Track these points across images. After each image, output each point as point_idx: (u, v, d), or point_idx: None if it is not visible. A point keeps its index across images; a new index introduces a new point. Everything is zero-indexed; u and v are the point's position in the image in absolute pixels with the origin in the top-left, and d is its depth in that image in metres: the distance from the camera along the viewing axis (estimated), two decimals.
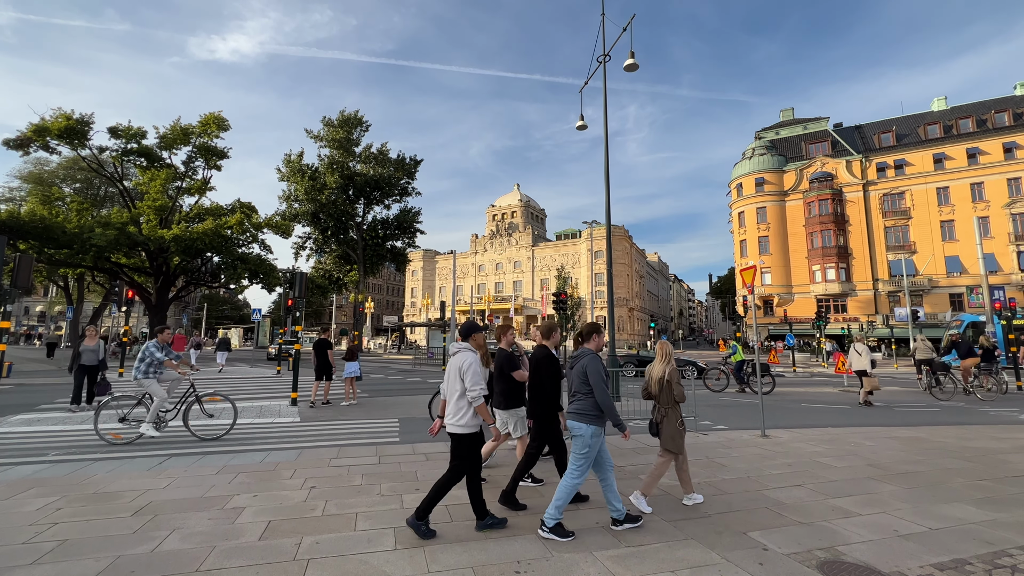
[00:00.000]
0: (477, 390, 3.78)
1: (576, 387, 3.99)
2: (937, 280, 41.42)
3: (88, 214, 27.55)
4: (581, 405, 3.92)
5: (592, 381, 3.85)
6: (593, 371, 3.87)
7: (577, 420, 3.91)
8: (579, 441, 3.90)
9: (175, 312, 62.29)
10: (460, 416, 3.81)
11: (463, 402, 3.82)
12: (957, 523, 4.16)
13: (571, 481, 3.88)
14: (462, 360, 3.89)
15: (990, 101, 45.12)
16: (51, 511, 4.22)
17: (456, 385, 3.87)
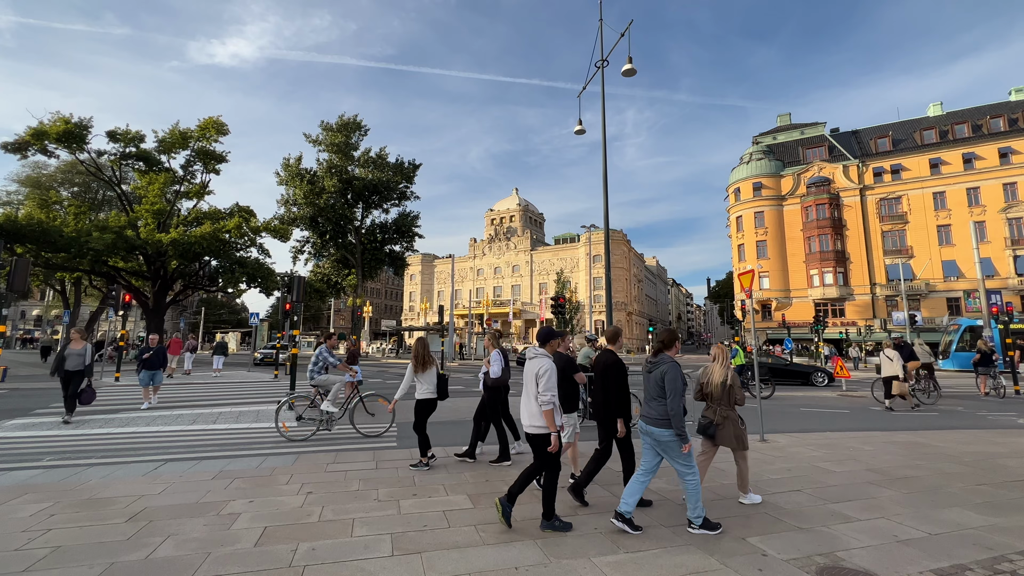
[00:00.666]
0: (548, 395, 3.92)
1: (655, 393, 4.07)
2: (934, 284, 41.54)
3: (86, 218, 27.51)
4: (662, 410, 4.00)
5: (669, 387, 3.92)
6: (671, 378, 3.94)
7: (657, 426, 4.02)
8: (671, 446, 3.98)
9: (172, 316, 62.08)
10: (535, 417, 4.00)
11: (536, 406, 3.98)
12: (957, 528, 4.15)
13: (693, 479, 3.98)
14: (539, 365, 4.06)
15: (985, 107, 45.43)
16: (44, 517, 4.18)
17: (532, 388, 4.04)
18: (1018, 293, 38.17)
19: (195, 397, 12.89)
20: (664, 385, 3.95)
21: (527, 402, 4.11)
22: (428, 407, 6.07)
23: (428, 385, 6.06)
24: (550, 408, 3.91)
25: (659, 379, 4.02)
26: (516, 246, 74.18)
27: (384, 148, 42.16)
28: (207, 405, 11.40)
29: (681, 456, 3.95)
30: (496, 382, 6.35)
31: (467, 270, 77.22)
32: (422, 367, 6.09)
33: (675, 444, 3.94)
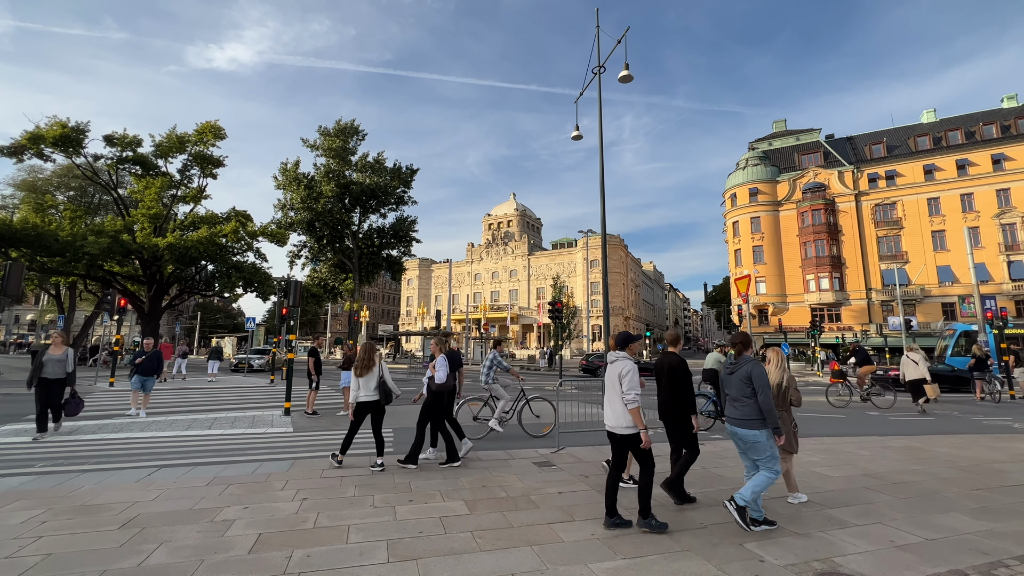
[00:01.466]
0: (632, 395, 4.13)
1: (737, 393, 4.23)
2: (929, 289, 41.77)
3: (81, 222, 27.39)
4: (747, 410, 4.15)
5: (758, 384, 4.10)
6: (759, 375, 4.14)
7: (747, 428, 4.16)
8: (760, 447, 4.14)
9: (168, 321, 61.76)
10: (622, 418, 4.18)
11: (623, 407, 4.16)
12: (953, 533, 4.15)
13: (772, 475, 4.13)
14: (621, 367, 4.25)
15: (978, 114, 45.90)
16: (36, 524, 4.13)
17: (614, 389, 4.22)
18: (1012, 298, 38.42)
19: (190, 402, 12.81)
20: (752, 384, 4.12)
21: (614, 403, 4.27)
22: (368, 409, 6.30)
23: (368, 389, 6.25)
24: (636, 406, 4.12)
25: (744, 378, 4.18)
26: (513, 251, 74.24)
27: (382, 153, 42.25)
28: (202, 410, 11.33)
29: (766, 454, 4.14)
30: (440, 387, 6.40)
31: (464, 275, 77.20)
32: (365, 371, 6.27)
33: (760, 445, 4.12)
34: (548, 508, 4.68)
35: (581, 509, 4.66)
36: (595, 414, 10.53)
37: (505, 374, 9.19)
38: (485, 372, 8.70)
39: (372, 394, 6.25)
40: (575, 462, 6.51)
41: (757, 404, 4.09)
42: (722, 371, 4.52)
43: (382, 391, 6.31)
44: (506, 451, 7.15)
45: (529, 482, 5.56)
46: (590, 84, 13.37)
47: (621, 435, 4.23)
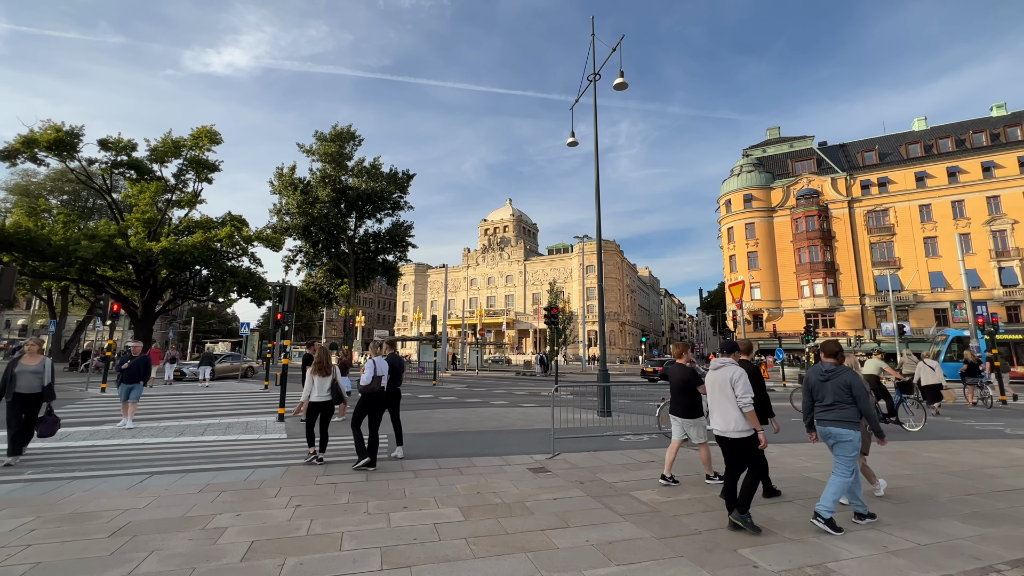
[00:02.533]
0: (748, 398, 4.32)
1: (835, 398, 4.45)
2: (922, 295, 42.13)
3: (75, 226, 27.25)
4: (844, 414, 4.39)
5: (857, 394, 4.36)
6: (858, 385, 4.39)
7: (842, 427, 4.37)
8: (848, 445, 4.36)
9: (161, 326, 61.33)
10: (736, 423, 4.36)
11: (736, 410, 4.36)
12: (946, 539, 4.17)
13: (843, 479, 4.35)
14: (731, 372, 4.46)
15: (968, 122, 46.53)
16: (24, 532, 4.08)
17: (726, 394, 4.42)
18: (1003, 304, 38.81)
19: (183, 408, 12.70)
20: (851, 392, 4.37)
21: (724, 409, 4.46)
22: (319, 408, 6.75)
23: (323, 390, 6.73)
24: (751, 409, 4.31)
25: (842, 386, 4.41)
26: (509, 256, 74.35)
27: (378, 158, 42.33)
28: (195, 416, 11.24)
29: (849, 454, 4.36)
30: (363, 389, 6.57)
31: (460, 280, 77.19)
32: (326, 372, 6.76)
33: (852, 444, 4.34)
34: (543, 515, 4.67)
35: (576, 516, 4.65)
36: (590, 420, 10.54)
37: None
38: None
39: (326, 395, 6.74)
40: (570, 468, 6.51)
41: (855, 408, 4.37)
42: (812, 376, 4.69)
43: (334, 392, 6.83)
44: (501, 457, 7.14)
45: (524, 488, 5.54)
46: (585, 91, 13.50)
47: (734, 439, 4.38)
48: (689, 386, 5.75)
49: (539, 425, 10.28)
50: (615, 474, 6.23)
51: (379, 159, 42.24)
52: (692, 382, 5.73)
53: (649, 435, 9.08)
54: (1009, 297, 39.10)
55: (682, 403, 5.81)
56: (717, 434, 4.54)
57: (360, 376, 6.71)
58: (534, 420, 11.20)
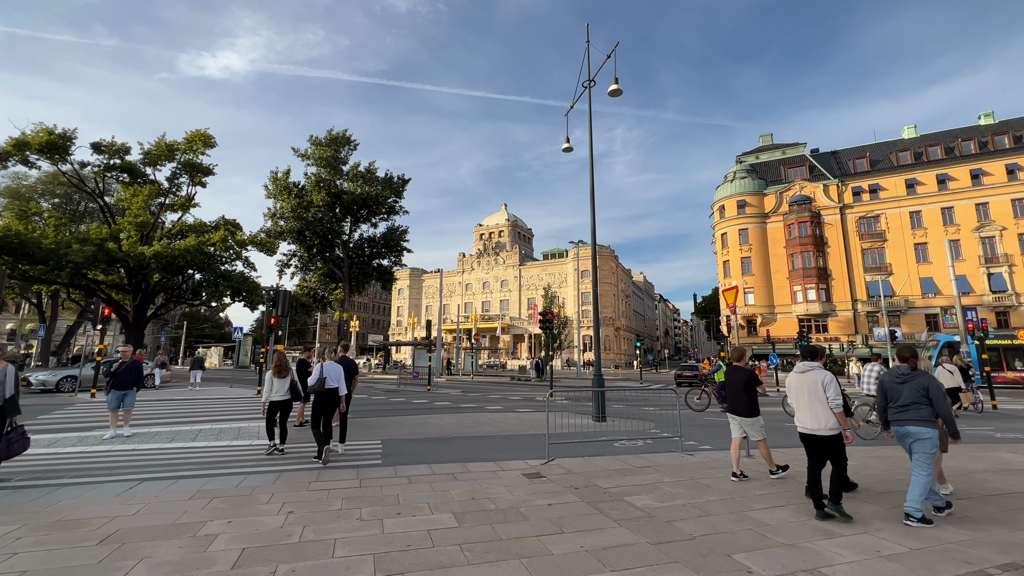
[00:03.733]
0: (839, 401, 4.71)
1: (913, 399, 4.72)
2: (913, 301, 42.54)
3: (66, 230, 27.01)
4: (921, 413, 4.67)
5: (934, 396, 4.63)
6: (935, 388, 4.66)
7: (920, 426, 4.65)
8: (927, 443, 4.62)
9: (153, 330, 60.74)
10: (827, 422, 4.74)
11: (826, 410, 4.74)
12: (938, 543, 4.19)
13: (924, 476, 4.60)
14: (821, 376, 4.85)
15: (957, 130, 47.25)
16: (11, 540, 4.02)
17: (817, 396, 4.79)
18: (993, 310, 39.25)
19: (174, 414, 12.57)
20: (929, 395, 4.64)
21: (814, 409, 4.82)
22: (279, 406, 7.71)
23: (282, 389, 7.71)
24: (841, 410, 4.70)
25: (919, 388, 4.69)
26: (505, 261, 74.40)
27: (373, 163, 42.37)
28: (186, 422, 11.12)
29: (928, 451, 4.60)
30: (310, 390, 7.32)
31: (455, 285, 77.10)
32: (284, 374, 7.74)
33: (930, 441, 4.59)
34: (537, 520, 4.65)
35: (571, 521, 4.64)
36: (585, 425, 10.53)
37: None
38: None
39: (285, 394, 7.75)
40: (565, 473, 6.49)
41: (931, 409, 4.64)
42: (888, 379, 4.95)
43: (293, 391, 7.83)
44: (496, 462, 7.11)
45: (518, 494, 5.52)
46: (580, 97, 13.59)
47: (824, 436, 4.78)
48: (750, 387, 6.23)
49: (534, 430, 10.26)
50: (610, 479, 6.22)
51: (374, 164, 42.31)
52: (752, 383, 6.24)
53: (644, 440, 9.08)
54: (998, 303, 39.57)
55: (743, 403, 6.24)
56: (805, 432, 4.93)
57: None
58: (529, 425, 11.18)
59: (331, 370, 7.41)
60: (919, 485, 4.59)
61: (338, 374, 7.49)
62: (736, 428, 6.43)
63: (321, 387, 7.24)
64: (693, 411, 14.76)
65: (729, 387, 6.41)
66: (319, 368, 7.34)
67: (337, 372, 7.48)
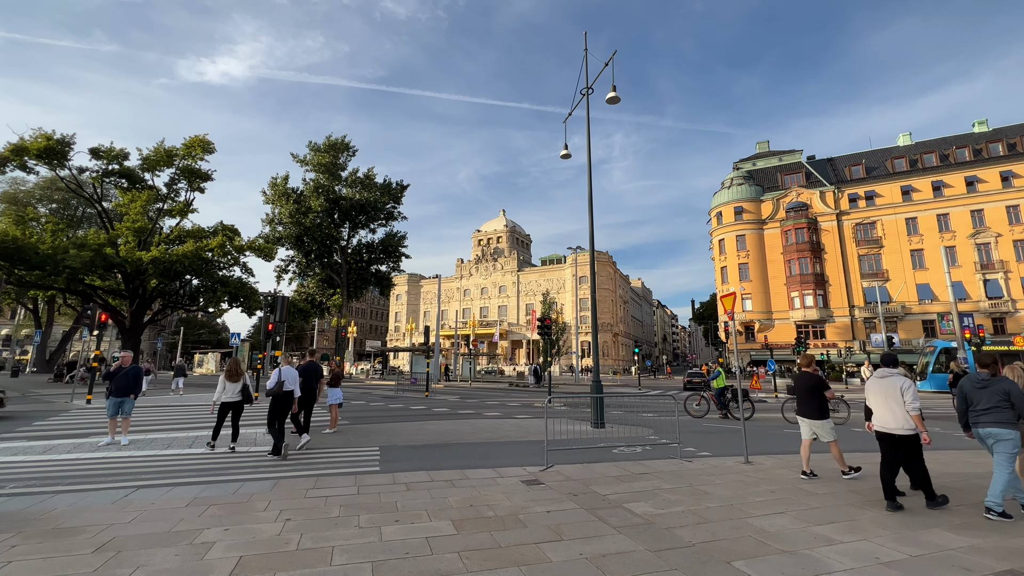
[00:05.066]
0: (917, 404, 5.21)
1: (994, 403, 5.05)
2: (910, 307, 42.70)
3: (63, 235, 26.96)
4: (1001, 416, 4.99)
5: (1016, 400, 4.97)
6: (1017, 393, 5.00)
7: (1001, 428, 4.98)
8: (1008, 443, 4.94)
9: (150, 336, 60.44)
10: (904, 422, 5.29)
11: (904, 412, 5.26)
12: (937, 550, 4.19)
13: (1005, 475, 4.93)
14: (900, 382, 5.35)
15: (951, 137, 47.67)
16: (5, 548, 3.98)
17: (895, 399, 5.32)
18: (989, 316, 39.41)
19: (171, 420, 12.50)
20: (1010, 399, 4.97)
21: (894, 411, 5.33)
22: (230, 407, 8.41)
23: (233, 392, 8.37)
24: (918, 413, 5.17)
25: (999, 393, 5.04)
26: (503, 267, 74.44)
27: (372, 168, 42.44)
28: (182, 428, 11.06)
29: (1010, 451, 4.92)
30: (268, 392, 7.95)
31: (454, 290, 77.07)
32: (235, 378, 8.37)
33: (1011, 442, 4.90)
34: (536, 527, 4.63)
35: (570, 528, 4.62)
36: (583, 431, 10.51)
37: None
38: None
39: (236, 396, 8.38)
40: (564, 480, 6.47)
41: (1012, 412, 4.96)
42: (967, 384, 5.36)
43: (244, 394, 8.46)
44: (494, 469, 7.08)
45: (517, 501, 5.50)
46: (579, 104, 13.68)
47: (902, 435, 5.30)
48: (818, 391, 6.66)
49: (532, 437, 10.23)
50: (609, 486, 6.20)
51: (373, 169, 42.36)
52: (820, 387, 6.67)
53: (643, 446, 9.07)
54: (995, 309, 39.74)
55: (813, 406, 6.67)
56: (882, 431, 5.45)
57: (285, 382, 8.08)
58: (527, 431, 11.15)
59: (288, 374, 8.05)
60: (1000, 482, 4.92)
61: (294, 378, 8.14)
62: (806, 430, 6.78)
63: (279, 390, 7.86)
64: (692, 417, 14.75)
65: (798, 392, 6.85)
66: (277, 372, 7.97)
67: (293, 376, 8.13)
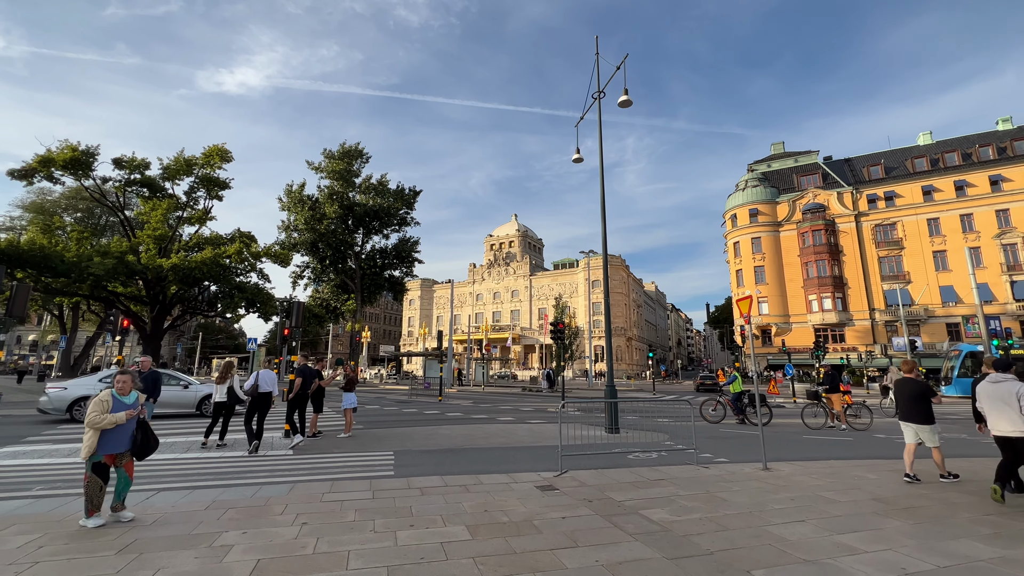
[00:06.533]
0: None
1: None
2: (933, 310, 41.61)
3: (87, 243, 27.69)
4: None
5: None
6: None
7: None
8: None
9: (169, 341, 61.72)
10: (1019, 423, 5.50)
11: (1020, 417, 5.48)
12: (966, 560, 4.06)
13: None
14: (1016, 387, 5.57)
15: (974, 136, 46.49)
16: (32, 549, 4.08)
17: (1010, 404, 5.56)
18: (1017, 318, 38.20)
19: (189, 425, 12.70)
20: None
21: (1011, 416, 5.55)
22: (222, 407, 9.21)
23: (221, 393, 9.21)
24: None
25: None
26: (515, 271, 74.49)
27: (385, 175, 42.94)
28: (201, 432, 11.21)
29: None
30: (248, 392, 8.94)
31: (466, 295, 77.30)
32: (223, 381, 9.18)
33: None
34: (551, 533, 4.60)
35: (585, 535, 4.58)
36: (597, 436, 10.42)
37: None
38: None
39: (223, 397, 9.16)
40: (578, 486, 6.42)
41: None
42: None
43: (231, 395, 9.15)
44: (508, 474, 7.06)
45: (532, 506, 5.47)
46: (590, 109, 13.67)
47: (1017, 438, 5.52)
48: (924, 397, 6.76)
49: (546, 442, 10.18)
50: (624, 492, 6.14)
51: (386, 176, 42.86)
52: (927, 393, 6.77)
53: (658, 452, 8.96)
54: (1022, 311, 38.52)
55: (920, 411, 6.75)
56: (1000, 435, 5.65)
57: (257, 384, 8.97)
58: (541, 437, 11.10)
59: (265, 377, 9.03)
60: None
61: (272, 380, 9.18)
62: (911, 435, 6.87)
63: (255, 392, 8.87)
64: (708, 423, 14.54)
65: (902, 397, 6.92)
66: (255, 375, 8.99)
67: (272, 379, 9.16)
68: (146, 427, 5.08)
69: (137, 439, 4.94)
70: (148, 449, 5.06)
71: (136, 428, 4.97)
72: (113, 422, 4.69)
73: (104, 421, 4.64)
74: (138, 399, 5.10)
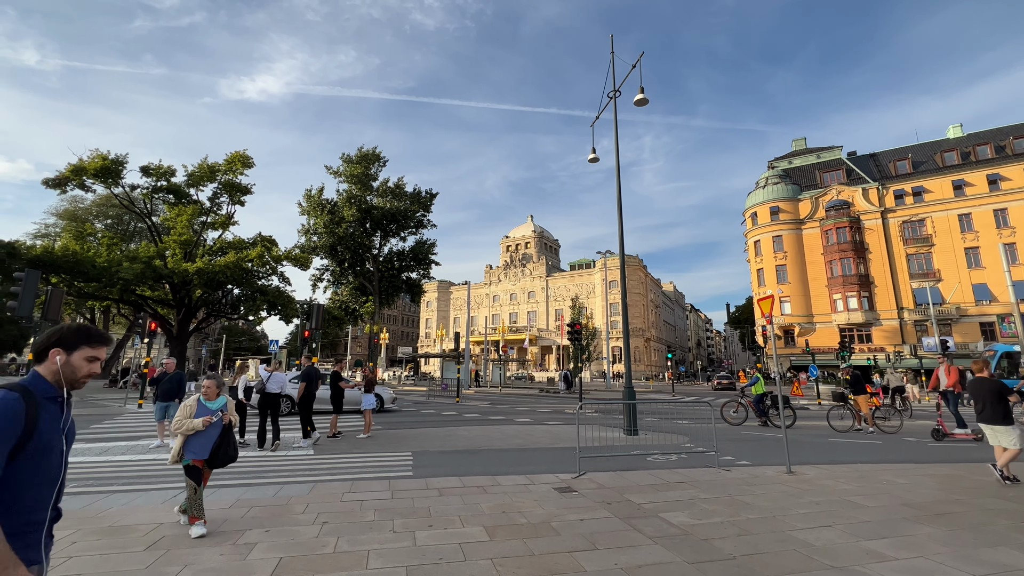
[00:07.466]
0: None
1: None
2: (966, 308, 40.12)
3: (117, 249, 28.63)
4: None
5: None
6: None
7: None
8: None
9: (195, 343, 63.29)
10: None
11: None
12: (1004, 570, 3.89)
13: None
14: None
15: (1007, 127, 44.74)
16: (66, 544, 4.22)
17: None
18: None
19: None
20: None
21: None
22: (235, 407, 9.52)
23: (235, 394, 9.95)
24: None
25: None
26: (531, 272, 74.41)
27: (402, 178, 43.41)
28: None
29: None
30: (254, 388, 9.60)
31: (483, 296, 77.52)
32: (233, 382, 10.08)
33: None
34: (569, 536, 4.57)
35: (604, 537, 4.53)
36: (616, 438, 10.32)
37: None
38: None
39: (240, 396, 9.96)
40: (597, 488, 6.37)
41: None
42: None
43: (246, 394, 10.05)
44: (526, 476, 7.04)
45: (550, 508, 5.44)
46: (606, 108, 13.58)
47: None
48: (1002, 396, 6.61)
49: (564, 443, 10.13)
50: (643, 495, 6.06)
51: (403, 179, 43.33)
52: (1004, 392, 6.64)
53: (678, 454, 8.83)
54: None
55: (998, 412, 6.59)
56: None
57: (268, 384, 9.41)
58: (559, 438, 11.05)
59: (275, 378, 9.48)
60: None
61: (281, 381, 9.54)
62: (993, 436, 6.75)
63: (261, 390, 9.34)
64: (729, 425, 14.28)
65: (980, 398, 6.74)
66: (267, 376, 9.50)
67: (279, 380, 9.52)
68: (227, 434, 4.81)
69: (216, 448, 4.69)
70: (217, 458, 4.72)
71: (219, 435, 4.73)
72: (191, 428, 4.60)
73: (183, 427, 4.59)
74: (225, 404, 4.93)
